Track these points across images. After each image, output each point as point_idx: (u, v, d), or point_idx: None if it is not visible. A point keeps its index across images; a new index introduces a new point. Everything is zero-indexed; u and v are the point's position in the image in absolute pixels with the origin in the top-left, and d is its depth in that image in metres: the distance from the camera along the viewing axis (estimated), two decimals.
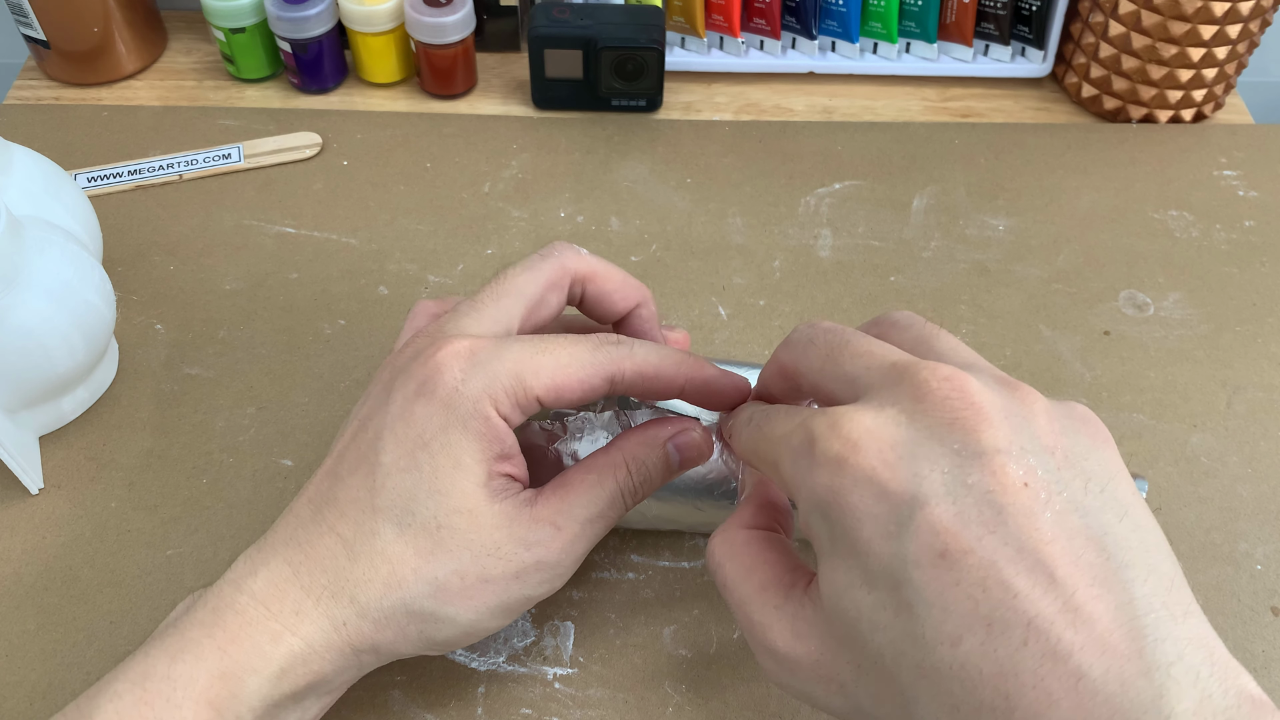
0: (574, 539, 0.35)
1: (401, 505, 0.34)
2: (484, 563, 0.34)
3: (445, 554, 0.34)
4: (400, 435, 0.34)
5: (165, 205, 0.58)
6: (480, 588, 0.34)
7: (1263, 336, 0.53)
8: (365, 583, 0.33)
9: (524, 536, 0.34)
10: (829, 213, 0.59)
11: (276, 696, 0.33)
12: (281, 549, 0.34)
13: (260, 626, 0.33)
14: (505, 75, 0.67)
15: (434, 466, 0.34)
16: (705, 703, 0.40)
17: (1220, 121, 0.65)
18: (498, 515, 0.34)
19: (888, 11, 0.65)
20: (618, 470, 0.37)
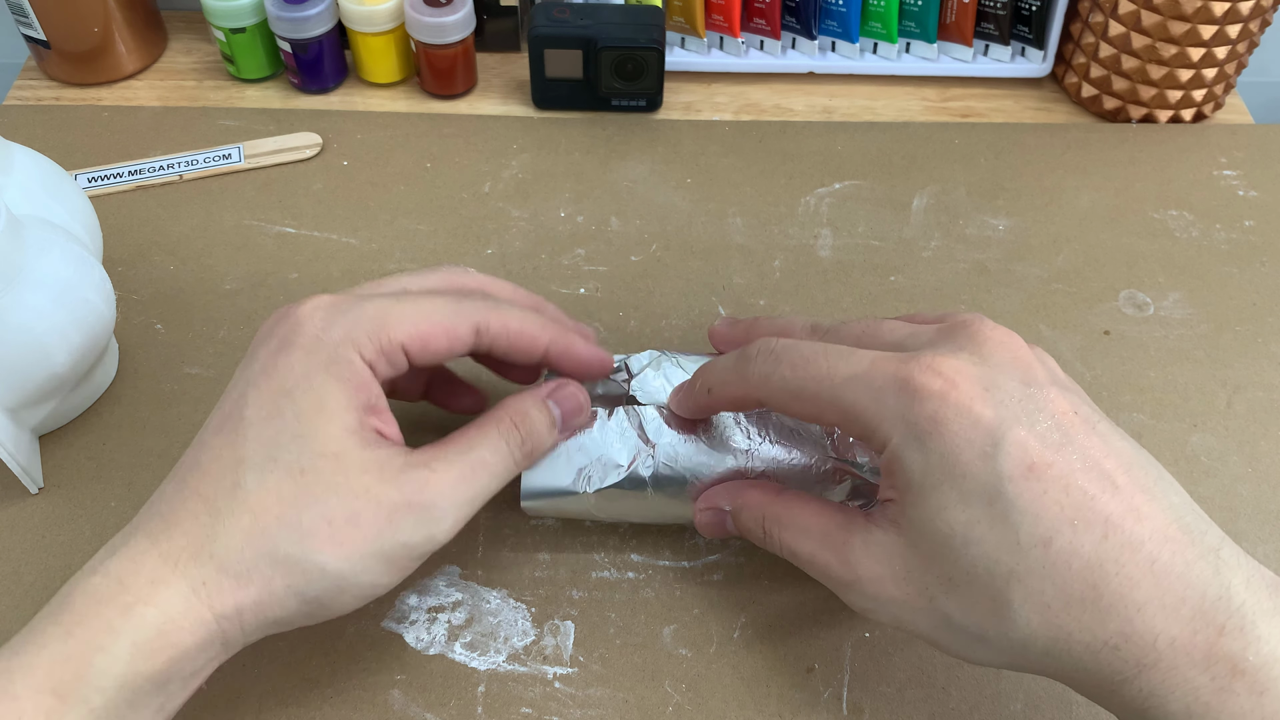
0: (452, 482, 0.35)
1: (264, 453, 0.33)
2: (351, 504, 0.33)
3: (310, 498, 0.33)
4: (263, 388, 0.34)
5: (165, 205, 0.58)
6: (348, 531, 0.33)
7: (1263, 336, 0.53)
8: (226, 536, 0.32)
9: (395, 478, 0.34)
10: (829, 212, 0.59)
11: (132, 677, 0.30)
12: (143, 524, 0.33)
13: (110, 602, 0.31)
14: (505, 75, 0.67)
15: (297, 411, 0.33)
16: (705, 703, 0.40)
17: (1220, 121, 0.65)
18: (367, 460, 0.33)
19: (888, 11, 0.65)
20: (500, 422, 0.37)
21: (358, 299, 0.36)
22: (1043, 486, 0.30)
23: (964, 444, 0.31)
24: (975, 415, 0.31)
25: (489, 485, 0.36)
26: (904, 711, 0.40)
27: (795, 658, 0.42)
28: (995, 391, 0.32)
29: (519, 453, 0.37)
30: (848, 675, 0.41)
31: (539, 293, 0.54)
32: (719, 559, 0.44)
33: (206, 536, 0.32)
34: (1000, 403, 0.31)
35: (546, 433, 0.38)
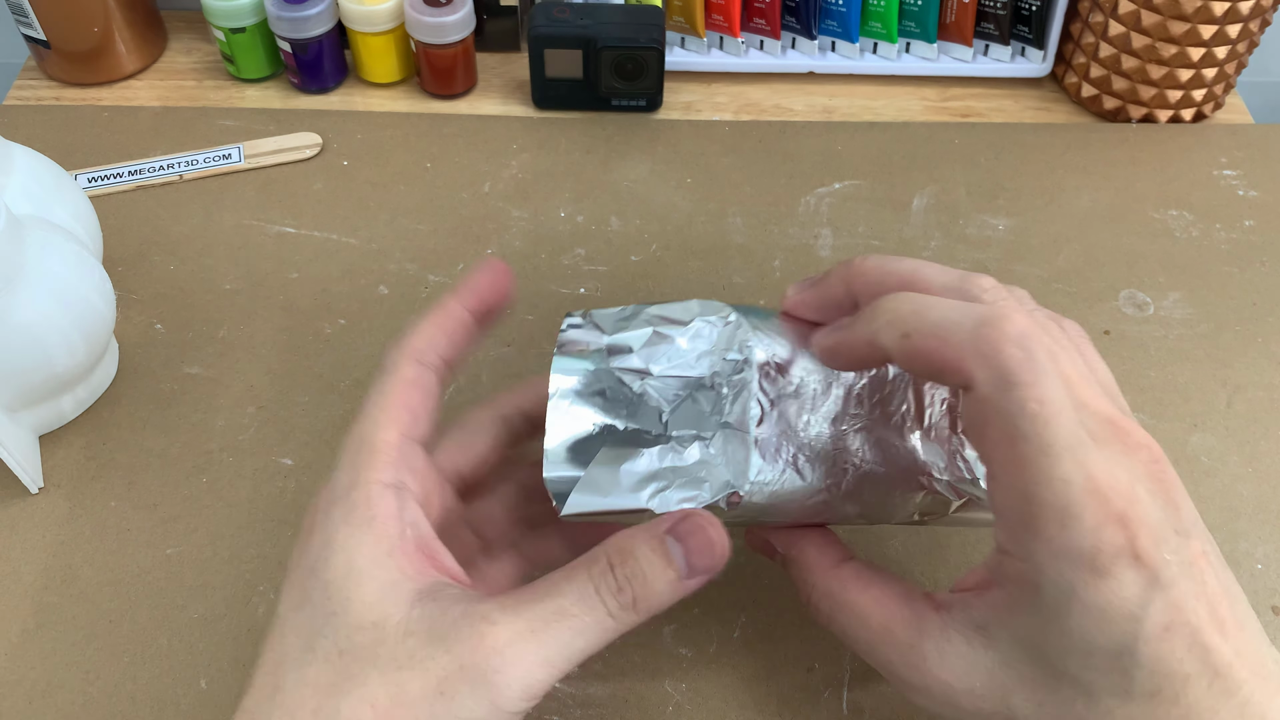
0: (517, 637, 0.28)
1: (301, 645, 0.29)
2: (396, 679, 0.27)
3: (350, 682, 0.27)
4: (292, 578, 0.30)
5: (165, 205, 0.58)
6: (397, 712, 0.27)
7: (1263, 336, 0.53)
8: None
9: (444, 636, 0.28)
10: (829, 212, 0.59)
11: None
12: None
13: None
14: (505, 75, 0.67)
15: (324, 587, 0.29)
16: (705, 702, 0.40)
17: (1220, 121, 0.65)
18: (415, 620, 0.28)
19: (888, 11, 0.65)
20: (593, 563, 0.30)
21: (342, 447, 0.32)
22: (1170, 646, 0.28)
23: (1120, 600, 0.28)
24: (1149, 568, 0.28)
25: (572, 644, 0.29)
26: (904, 712, 0.40)
27: (795, 658, 0.42)
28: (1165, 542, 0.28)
29: (614, 603, 0.29)
30: (848, 675, 0.41)
31: (539, 293, 0.54)
32: None
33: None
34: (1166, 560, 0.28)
35: (661, 579, 0.30)
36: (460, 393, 0.50)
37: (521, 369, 0.51)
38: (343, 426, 0.48)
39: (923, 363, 0.30)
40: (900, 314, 0.31)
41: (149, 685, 0.40)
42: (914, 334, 0.30)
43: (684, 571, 0.30)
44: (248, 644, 0.42)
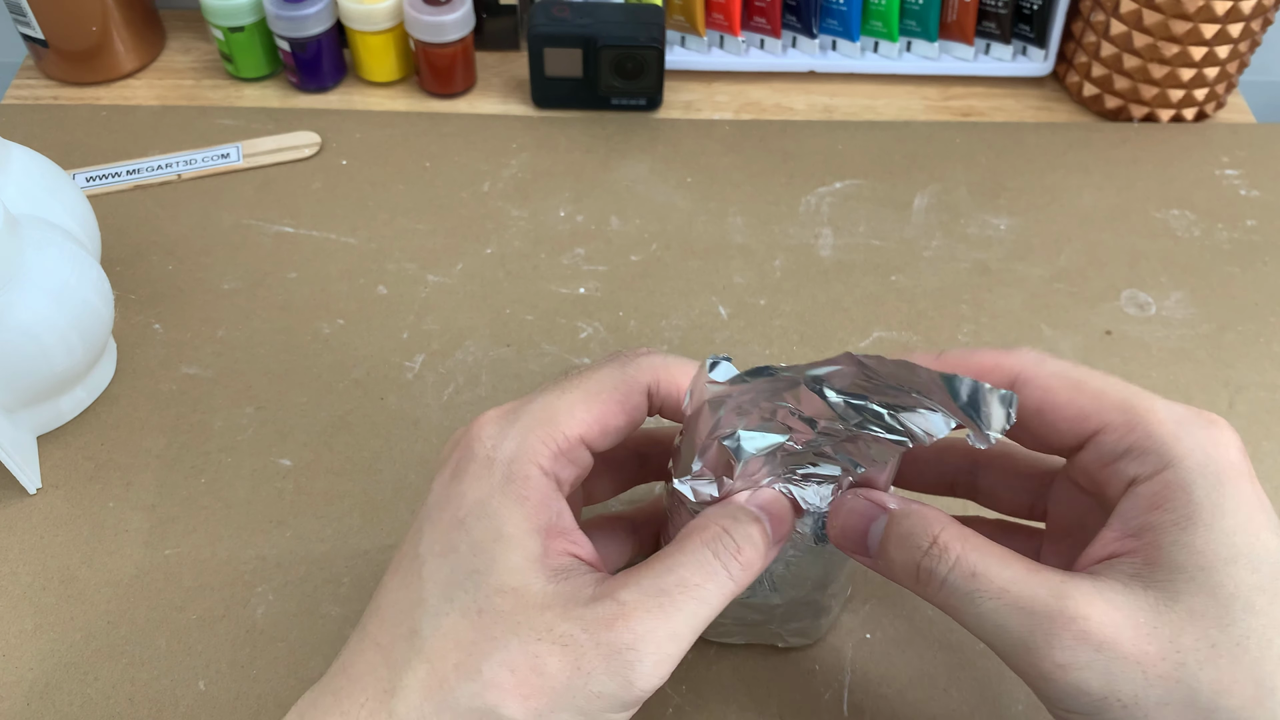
0: (646, 614, 0.29)
1: (441, 594, 0.30)
2: (535, 650, 0.28)
3: (490, 642, 0.28)
4: (438, 521, 0.31)
5: (164, 205, 0.58)
6: (535, 682, 0.28)
7: (1265, 336, 0.53)
8: (405, 691, 0.29)
9: (581, 615, 0.29)
10: (830, 212, 0.59)
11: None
12: (330, 681, 0.30)
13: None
14: (505, 74, 0.67)
15: (472, 543, 0.30)
16: (705, 703, 0.40)
17: (1222, 120, 0.65)
18: (551, 594, 0.29)
19: (889, 10, 0.65)
20: (704, 530, 0.31)
21: (523, 403, 0.32)
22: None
23: (1260, 508, 0.28)
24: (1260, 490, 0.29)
25: (697, 613, 0.29)
26: (905, 713, 0.40)
27: (796, 658, 0.41)
28: None
29: (734, 565, 0.30)
30: (849, 676, 0.41)
31: (539, 292, 0.54)
32: None
33: (385, 692, 0.29)
34: None
35: (761, 541, 0.31)
36: (459, 392, 0.50)
37: (520, 369, 0.51)
38: (342, 427, 0.48)
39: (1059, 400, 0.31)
40: None
41: (147, 686, 0.40)
42: None
43: (771, 539, 0.32)
44: (246, 645, 0.41)
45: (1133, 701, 0.27)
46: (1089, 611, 0.27)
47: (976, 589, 0.29)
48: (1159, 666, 0.27)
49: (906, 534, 0.31)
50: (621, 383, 0.32)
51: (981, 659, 0.41)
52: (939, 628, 0.42)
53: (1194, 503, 0.28)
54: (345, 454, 0.48)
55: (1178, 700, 0.27)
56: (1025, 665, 0.29)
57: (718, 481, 0.32)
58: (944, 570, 0.30)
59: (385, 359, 0.51)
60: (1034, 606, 0.28)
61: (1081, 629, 0.27)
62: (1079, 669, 0.27)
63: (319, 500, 0.46)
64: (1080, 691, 0.27)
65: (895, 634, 0.42)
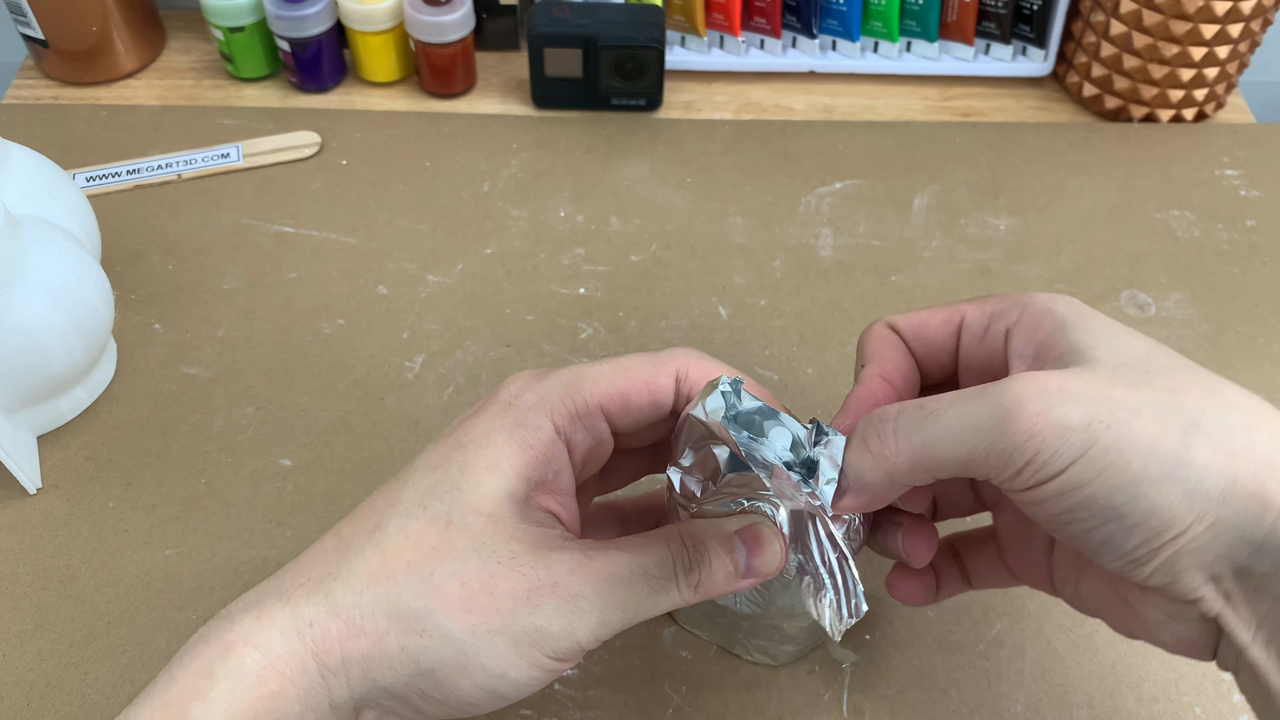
0: (608, 578, 0.30)
1: (416, 499, 0.30)
2: (492, 570, 0.29)
3: (449, 552, 0.29)
4: (441, 443, 0.32)
5: (164, 205, 0.58)
6: (482, 599, 0.29)
7: (1264, 337, 0.53)
8: (347, 576, 0.29)
9: (546, 555, 0.30)
10: (830, 212, 0.59)
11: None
12: (288, 568, 0.31)
13: (214, 641, 0.29)
14: (505, 74, 0.67)
15: (464, 463, 0.31)
16: (705, 703, 0.40)
17: (1222, 121, 0.65)
18: (522, 530, 0.30)
19: (888, 10, 0.65)
20: (670, 539, 0.32)
21: (556, 369, 0.34)
22: None
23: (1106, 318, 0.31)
24: None
25: (642, 602, 0.30)
26: (904, 713, 0.40)
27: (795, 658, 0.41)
28: None
29: (684, 581, 0.31)
30: (848, 677, 0.41)
31: (539, 293, 0.54)
32: None
33: (328, 574, 0.29)
34: None
35: (722, 572, 0.32)
36: (459, 393, 0.50)
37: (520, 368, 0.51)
38: (342, 427, 0.48)
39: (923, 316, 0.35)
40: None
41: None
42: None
43: (742, 571, 0.32)
44: None
45: (1112, 418, 0.27)
46: (1037, 378, 0.28)
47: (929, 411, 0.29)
48: (1114, 390, 0.28)
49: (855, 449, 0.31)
50: (650, 364, 0.33)
51: (981, 659, 0.41)
52: (939, 628, 0.42)
53: (1061, 316, 0.31)
54: (345, 454, 0.48)
55: (1148, 408, 0.28)
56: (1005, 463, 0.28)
57: (703, 483, 0.33)
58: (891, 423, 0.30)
59: (385, 359, 0.51)
60: (987, 391, 0.29)
61: (1041, 384, 0.28)
62: (1057, 407, 0.27)
63: (319, 500, 0.46)
64: (1064, 428, 0.27)
65: (895, 634, 0.42)
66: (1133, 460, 0.27)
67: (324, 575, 0.30)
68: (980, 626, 0.42)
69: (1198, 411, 0.28)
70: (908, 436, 0.29)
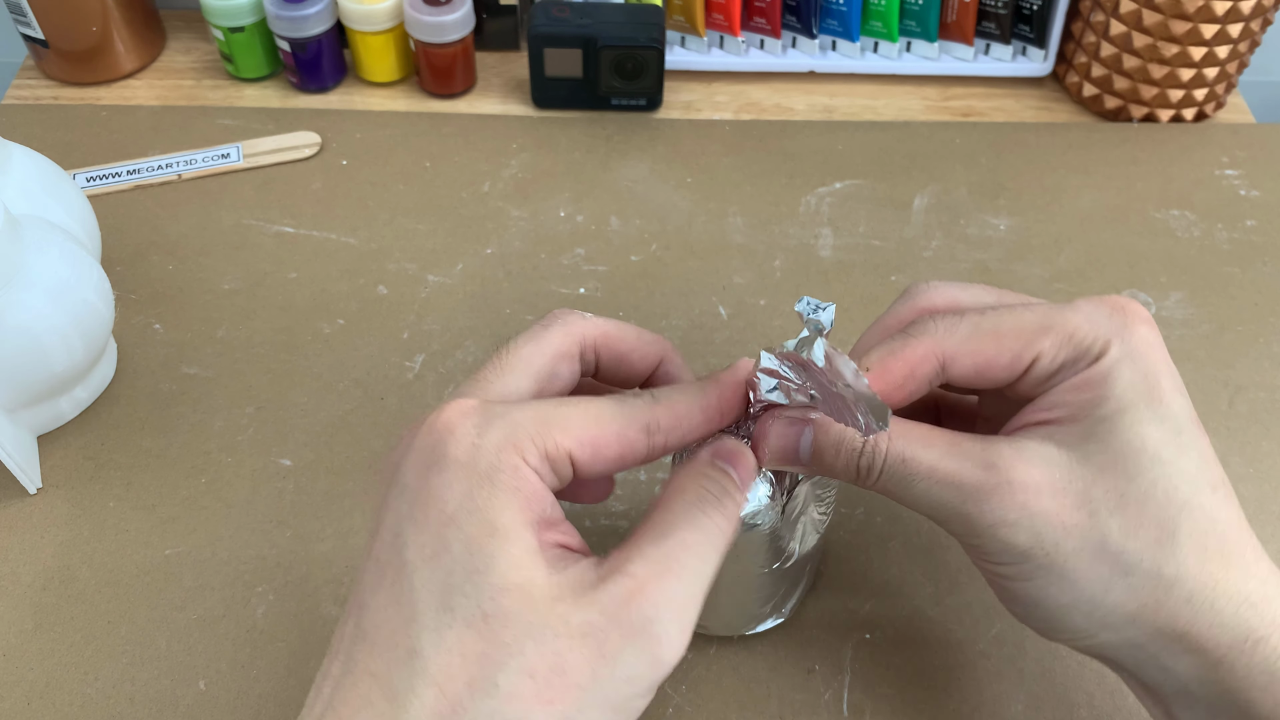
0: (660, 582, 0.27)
1: (437, 603, 0.27)
2: (554, 648, 0.26)
3: (501, 650, 0.26)
4: (420, 521, 0.28)
5: (164, 205, 0.58)
6: (558, 683, 0.26)
7: (1264, 336, 0.53)
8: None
9: (594, 599, 0.27)
10: (830, 212, 0.59)
11: None
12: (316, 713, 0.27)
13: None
14: (505, 74, 0.67)
15: (465, 541, 0.27)
16: (705, 704, 0.40)
17: (1222, 121, 0.65)
18: (557, 585, 0.27)
19: (888, 11, 0.65)
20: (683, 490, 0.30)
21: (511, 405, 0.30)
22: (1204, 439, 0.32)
23: (1166, 372, 0.32)
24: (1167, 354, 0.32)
25: (702, 571, 0.28)
26: (904, 713, 0.40)
27: (795, 659, 0.41)
28: None
29: (721, 517, 0.29)
30: (848, 676, 0.41)
31: (539, 292, 0.54)
32: None
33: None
34: None
35: (734, 490, 0.31)
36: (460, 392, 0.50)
37: None
38: (342, 427, 0.48)
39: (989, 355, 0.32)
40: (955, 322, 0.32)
41: (147, 686, 0.40)
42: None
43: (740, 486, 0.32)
44: (246, 645, 0.41)
45: (1054, 549, 0.30)
46: (1011, 475, 0.30)
47: (909, 473, 0.31)
48: (1073, 517, 0.30)
49: (839, 440, 0.32)
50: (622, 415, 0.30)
51: (981, 659, 0.41)
52: (939, 627, 0.42)
53: (1114, 383, 0.31)
54: (345, 454, 0.48)
55: (1090, 547, 0.30)
56: (961, 530, 0.31)
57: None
58: (879, 463, 0.31)
59: (385, 359, 0.51)
60: (961, 479, 0.31)
61: (1006, 492, 0.30)
62: (1008, 527, 0.30)
63: (319, 500, 0.46)
64: (1009, 547, 0.30)
65: (895, 634, 0.42)
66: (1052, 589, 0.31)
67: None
68: (980, 625, 0.42)
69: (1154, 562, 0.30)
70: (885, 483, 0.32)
